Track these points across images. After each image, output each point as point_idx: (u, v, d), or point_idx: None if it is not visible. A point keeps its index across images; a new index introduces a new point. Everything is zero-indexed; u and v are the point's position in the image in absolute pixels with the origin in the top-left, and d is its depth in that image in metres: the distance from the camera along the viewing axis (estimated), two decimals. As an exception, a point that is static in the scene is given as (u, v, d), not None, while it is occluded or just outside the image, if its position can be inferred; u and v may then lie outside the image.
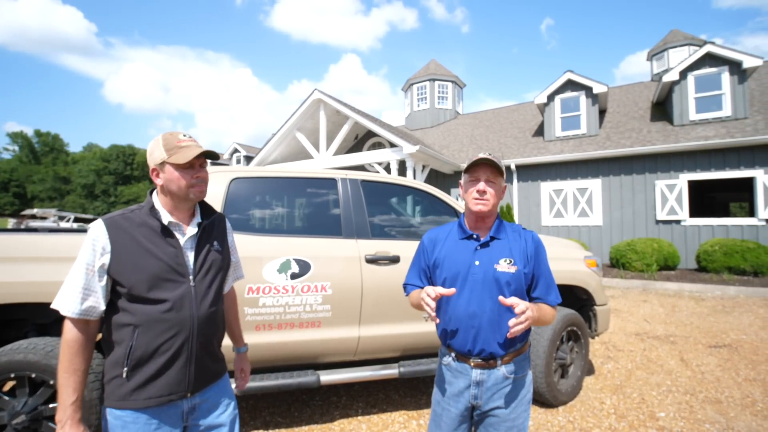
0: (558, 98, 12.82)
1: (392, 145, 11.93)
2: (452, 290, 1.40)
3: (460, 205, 3.18)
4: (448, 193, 13.90)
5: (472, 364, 1.46)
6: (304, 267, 2.63)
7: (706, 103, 10.95)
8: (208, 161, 1.44)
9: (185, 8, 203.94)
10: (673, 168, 10.60)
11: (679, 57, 14.65)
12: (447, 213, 3.19)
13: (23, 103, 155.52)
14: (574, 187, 11.88)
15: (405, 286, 1.68)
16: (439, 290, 1.38)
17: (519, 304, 1.29)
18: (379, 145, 15.17)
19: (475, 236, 1.52)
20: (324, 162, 12.36)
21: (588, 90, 12.30)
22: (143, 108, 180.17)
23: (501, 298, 1.34)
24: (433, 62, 19.62)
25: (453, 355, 1.52)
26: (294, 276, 2.60)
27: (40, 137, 76.89)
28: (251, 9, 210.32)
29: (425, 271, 1.61)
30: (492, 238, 1.51)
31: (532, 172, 12.51)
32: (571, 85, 12.60)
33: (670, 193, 10.52)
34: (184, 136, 1.35)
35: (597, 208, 11.52)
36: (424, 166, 11.99)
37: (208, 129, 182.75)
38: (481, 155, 1.48)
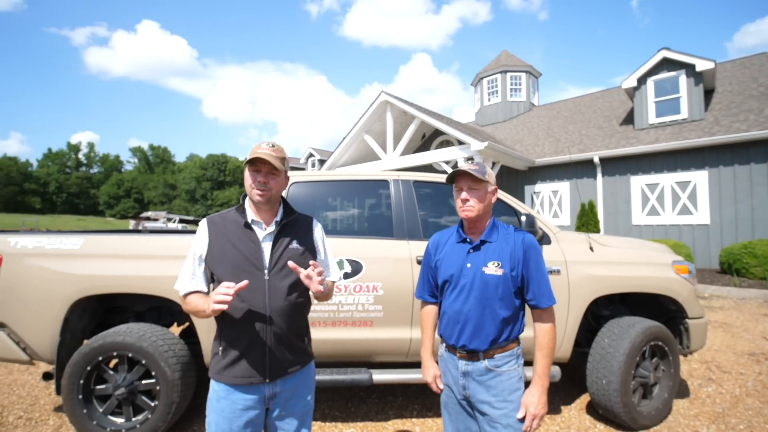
0: (651, 80, 11.34)
1: (460, 142, 11.63)
2: None
3: (520, 204, 2.98)
4: (522, 190, 13.13)
5: (458, 355, 1.58)
6: (357, 267, 2.69)
7: None
8: (286, 174, 1.57)
9: (267, 25, 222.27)
10: (807, 154, 8.72)
11: (818, 18, 11.99)
12: (505, 212, 3.00)
13: (141, 122, 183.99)
14: (672, 180, 10.41)
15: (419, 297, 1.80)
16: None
17: (527, 425, 1.47)
18: (447, 144, 14.90)
19: (468, 240, 1.61)
20: (391, 163, 12.50)
21: (689, 68, 10.67)
22: (235, 120, 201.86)
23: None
24: (504, 53, 18.69)
25: (444, 346, 1.66)
26: (347, 276, 2.67)
27: (153, 150, 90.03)
28: (325, 20, 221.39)
29: (432, 275, 1.71)
30: (483, 242, 1.58)
31: (620, 165, 11.23)
32: (667, 64, 11.05)
33: (804, 185, 8.66)
34: (266, 145, 1.49)
35: (703, 204, 9.95)
36: (494, 163, 11.48)
37: (288, 136, 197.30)
38: (462, 166, 1.58)
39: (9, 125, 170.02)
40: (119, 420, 2.56)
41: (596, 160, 11.37)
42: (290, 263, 1.40)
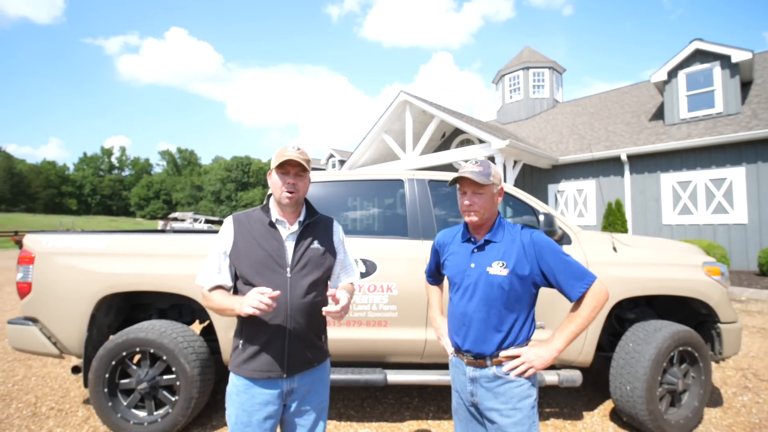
0: (683, 73, 10.82)
1: (481, 141, 11.46)
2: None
3: (539, 203, 2.90)
4: (545, 189, 12.81)
5: (465, 360, 1.53)
6: (371, 267, 2.68)
7: None
8: (310, 176, 1.61)
9: (288, 29, 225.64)
10: None
11: None
12: (524, 212, 2.93)
13: (169, 126, 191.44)
14: (706, 177, 9.91)
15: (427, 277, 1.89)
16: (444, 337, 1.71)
17: (513, 364, 1.42)
18: (467, 142, 14.71)
19: (472, 239, 1.57)
20: (411, 162, 12.44)
21: (724, 59, 10.13)
22: (258, 123, 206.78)
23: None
24: (526, 49, 18.29)
25: (452, 350, 1.62)
26: (361, 275, 2.66)
27: (181, 153, 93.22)
28: (346, 23, 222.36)
29: (436, 270, 1.77)
30: (487, 242, 1.52)
31: (650, 163, 10.78)
32: (700, 55, 10.53)
33: None
34: (293, 148, 1.52)
35: (740, 203, 9.42)
36: (515, 162, 11.24)
37: (310, 137, 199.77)
38: (467, 168, 1.49)
39: (48, 131, 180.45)
40: (142, 414, 2.64)
41: (623, 157, 10.96)
42: (330, 292, 1.48)
